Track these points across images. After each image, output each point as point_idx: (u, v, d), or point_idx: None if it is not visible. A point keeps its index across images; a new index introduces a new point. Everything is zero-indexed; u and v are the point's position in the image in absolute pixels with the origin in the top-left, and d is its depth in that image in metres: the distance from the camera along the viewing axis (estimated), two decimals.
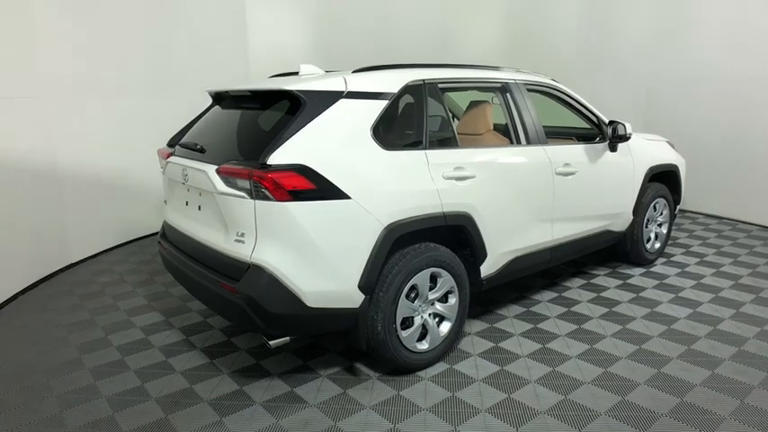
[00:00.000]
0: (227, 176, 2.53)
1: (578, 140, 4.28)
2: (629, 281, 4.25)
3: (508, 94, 3.52)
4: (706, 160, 6.12)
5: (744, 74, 5.72)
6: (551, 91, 3.88)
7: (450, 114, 3.43)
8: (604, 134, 3.99)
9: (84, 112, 4.75)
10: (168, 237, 3.31)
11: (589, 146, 3.91)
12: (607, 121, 4.03)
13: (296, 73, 3.16)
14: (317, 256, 2.52)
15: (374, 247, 2.62)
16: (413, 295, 2.87)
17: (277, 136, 2.51)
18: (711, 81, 6.01)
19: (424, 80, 3.05)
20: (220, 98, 3.26)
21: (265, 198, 2.43)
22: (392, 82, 2.91)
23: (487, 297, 3.89)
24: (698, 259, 4.73)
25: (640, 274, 4.39)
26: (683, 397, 2.65)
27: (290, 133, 2.52)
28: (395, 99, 2.88)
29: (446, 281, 2.99)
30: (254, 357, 3.12)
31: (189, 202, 2.97)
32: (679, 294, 3.96)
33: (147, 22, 5.33)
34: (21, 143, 4.13)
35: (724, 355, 3.04)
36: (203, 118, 3.30)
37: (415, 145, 2.91)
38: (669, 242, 5.15)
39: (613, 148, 4.02)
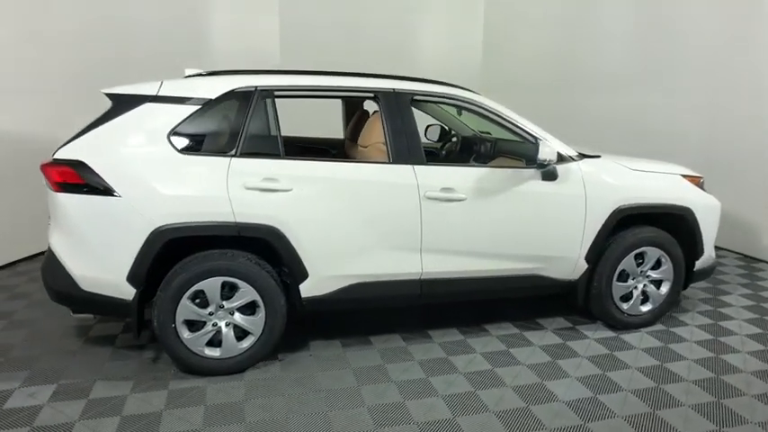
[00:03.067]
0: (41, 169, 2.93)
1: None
2: (568, 342, 3.43)
3: (381, 105, 3.18)
4: None
5: None
6: (459, 103, 3.34)
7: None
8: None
9: None
10: None
11: (499, 171, 3.27)
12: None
13: (217, 73, 3.26)
14: (85, 245, 2.76)
15: (143, 245, 2.74)
16: (199, 300, 2.89)
17: (77, 133, 2.82)
18: None
19: (256, 87, 3.00)
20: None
21: (50, 188, 2.77)
22: (212, 88, 2.94)
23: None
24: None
25: (598, 339, 3.49)
26: None
27: (84, 131, 2.80)
28: (210, 105, 2.91)
29: (245, 292, 2.92)
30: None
31: None
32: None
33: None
34: None
35: None
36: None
37: (222, 152, 2.89)
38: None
39: (548, 176, 3.28)
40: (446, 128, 4.56)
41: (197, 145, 2.89)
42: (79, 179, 2.71)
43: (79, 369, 3.02)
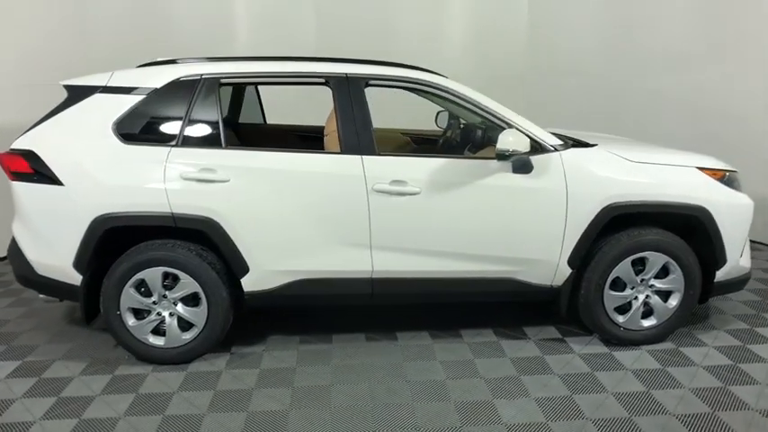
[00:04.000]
0: None
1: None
2: (547, 356, 3.03)
3: (333, 91, 2.97)
4: None
5: None
6: (418, 87, 3.04)
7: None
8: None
9: None
10: None
11: (460, 162, 2.94)
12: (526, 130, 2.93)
13: (173, 61, 3.27)
14: (37, 232, 2.88)
15: (85, 233, 2.80)
16: (144, 289, 2.91)
17: (33, 124, 2.94)
18: None
19: (201, 75, 2.93)
20: None
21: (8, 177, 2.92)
22: (157, 77, 2.92)
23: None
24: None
25: (584, 355, 3.06)
26: None
27: (39, 122, 2.91)
28: (156, 94, 2.89)
29: (186, 283, 2.89)
30: None
31: None
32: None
33: None
34: None
35: None
36: None
37: (164, 141, 2.87)
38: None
39: (520, 168, 2.90)
40: (453, 115, 4.23)
41: (141, 135, 2.88)
42: (29, 168, 2.81)
43: (48, 349, 3.19)
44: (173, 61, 3.09)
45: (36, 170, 2.81)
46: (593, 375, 2.86)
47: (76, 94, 2.92)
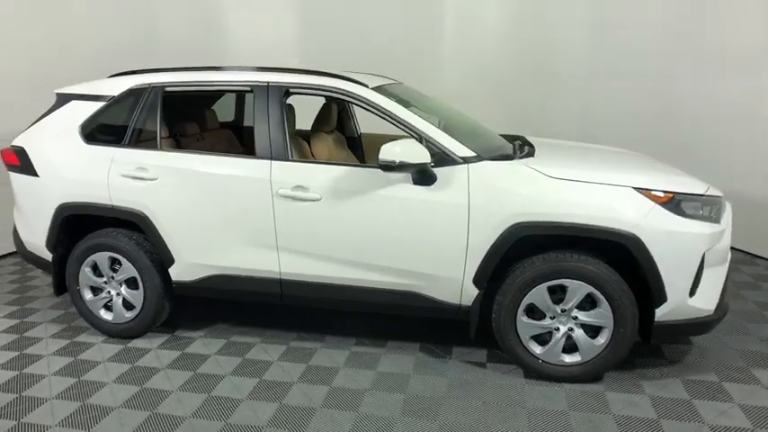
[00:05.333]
0: None
1: None
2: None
3: (255, 99, 3.11)
4: None
5: None
6: (336, 95, 3.04)
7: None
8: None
9: None
10: None
11: (360, 171, 2.90)
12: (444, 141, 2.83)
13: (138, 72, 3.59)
14: (24, 215, 3.48)
15: (51, 218, 3.32)
16: (98, 271, 3.36)
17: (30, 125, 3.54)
18: None
19: (150, 84, 3.28)
20: None
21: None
22: (116, 86, 3.34)
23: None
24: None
25: (496, 386, 2.82)
26: None
27: (33, 123, 3.50)
28: (114, 101, 3.31)
29: (126, 268, 3.28)
30: None
31: None
32: None
33: None
34: None
35: None
36: None
37: (117, 142, 3.26)
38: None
39: (421, 180, 2.78)
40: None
41: (99, 136, 3.32)
42: (18, 162, 3.41)
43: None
44: (135, 72, 3.50)
45: (22, 163, 3.39)
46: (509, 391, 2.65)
47: (61, 100, 3.45)
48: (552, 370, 2.84)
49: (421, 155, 2.70)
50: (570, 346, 2.82)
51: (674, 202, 2.64)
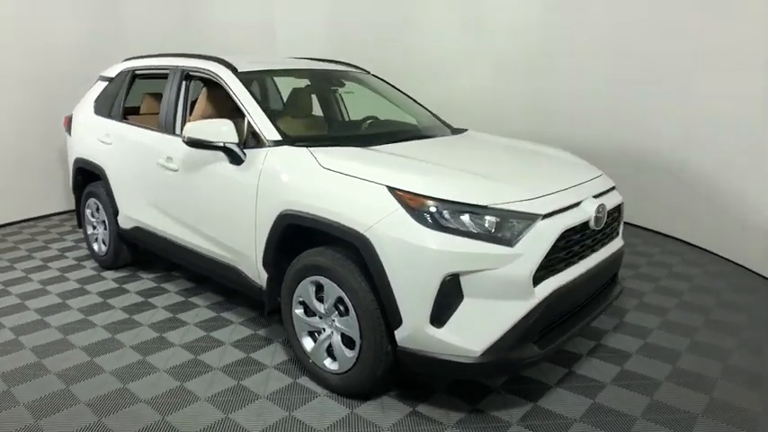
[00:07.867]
0: None
1: None
2: (201, 356, 2.90)
3: (167, 81, 3.61)
4: None
5: None
6: (210, 77, 3.30)
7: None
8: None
9: None
10: None
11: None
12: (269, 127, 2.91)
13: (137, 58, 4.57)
14: (66, 163, 4.71)
15: (72, 169, 4.44)
16: (90, 211, 4.38)
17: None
18: None
19: (131, 68, 4.08)
20: None
21: None
22: (114, 70, 4.24)
23: None
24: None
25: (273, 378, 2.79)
26: None
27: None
28: (111, 82, 4.22)
29: (101, 213, 4.20)
30: None
31: None
32: None
33: None
34: None
35: None
36: None
37: (106, 114, 4.16)
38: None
39: (233, 159, 2.91)
40: None
41: (102, 109, 4.28)
42: (67, 125, 4.63)
43: None
44: (133, 58, 4.34)
45: (68, 126, 4.61)
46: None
47: (97, 80, 4.56)
48: (318, 372, 2.66)
49: (227, 134, 2.83)
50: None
51: (424, 209, 2.20)
